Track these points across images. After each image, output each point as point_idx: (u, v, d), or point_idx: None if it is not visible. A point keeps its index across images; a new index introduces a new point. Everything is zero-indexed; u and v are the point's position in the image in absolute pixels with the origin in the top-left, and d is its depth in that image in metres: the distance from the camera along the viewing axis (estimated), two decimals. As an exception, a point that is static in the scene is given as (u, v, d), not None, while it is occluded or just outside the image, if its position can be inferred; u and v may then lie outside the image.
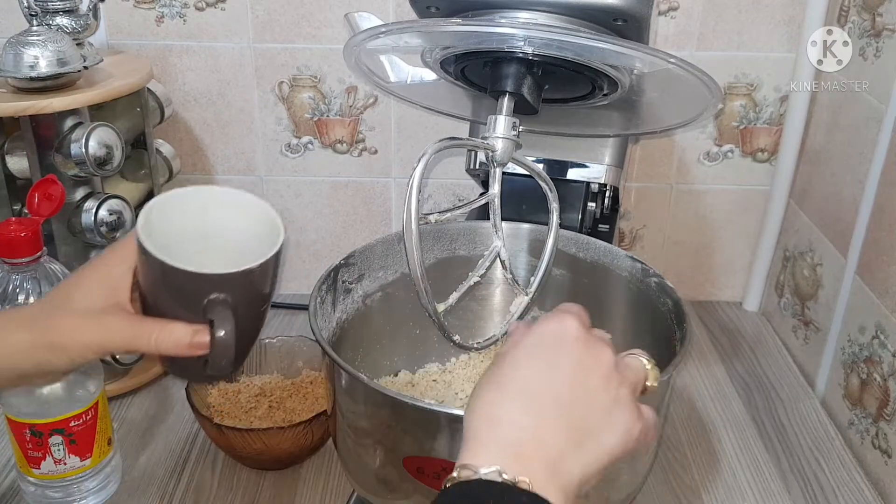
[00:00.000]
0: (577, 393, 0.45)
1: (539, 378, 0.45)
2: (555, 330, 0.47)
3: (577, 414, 0.44)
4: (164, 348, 0.50)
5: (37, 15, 0.80)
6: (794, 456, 0.82)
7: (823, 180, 0.95)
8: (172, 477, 0.77)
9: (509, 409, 0.44)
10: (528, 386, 0.45)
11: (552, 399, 0.44)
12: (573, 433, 0.44)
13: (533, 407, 0.44)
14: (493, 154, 0.64)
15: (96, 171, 0.78)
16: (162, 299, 0.51)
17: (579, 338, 0.47)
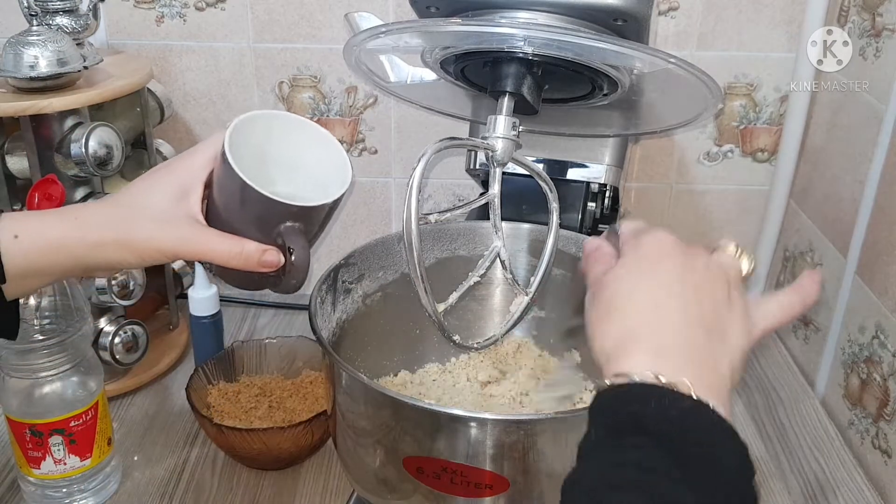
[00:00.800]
0: (697, 297, 0.45)
1: (659, 289, 0.45)
2: (653, 245, 0.47)
3: (705, 316, 0.44)
4: (234, 263, 0.55)
5: (37, 15, 0.80)
6: (794, 456, 0.82)
7: (823, 180, 0.95)
8: (172, 477, 0.77)
9: (641, 322, 0.44)
10: (651, 298, 0.45)
11: (676, 306, 0.44)
12: (709, 334, 0.44)
13: (664, 316, 0.44)
14: (493, 154, 0.64)
15: (96, 171, 0.78)
16: (236, 216, 0.55)
17: (676, 244, 0.47)
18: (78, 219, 0.54)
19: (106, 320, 0.85)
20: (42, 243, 0.53)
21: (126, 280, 0.82)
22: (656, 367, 0.41)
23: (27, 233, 0.53)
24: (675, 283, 0.45)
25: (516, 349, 0.80)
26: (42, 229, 0.54)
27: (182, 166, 0.56)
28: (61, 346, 0.67)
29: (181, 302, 0.95)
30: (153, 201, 0.55)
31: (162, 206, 0.55)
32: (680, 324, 0.44)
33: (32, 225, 0.54)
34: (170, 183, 0.55)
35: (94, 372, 0.71)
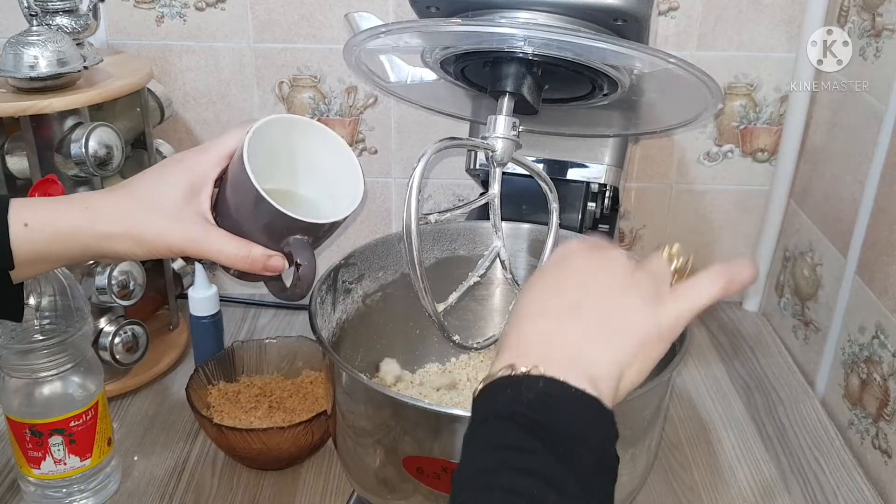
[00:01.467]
0: (587, 283, 0.46)
1: (548, 292, 0.46)
2: (560, 252, 0.49)
3: (590, 305, 0.45)
4: (240, 265, 0.56)
5: (37, 15, 0.80)
6: (794, 456, 0.82)
7: (823, 180, 0.95)
8: (172, 477, 0.77)
9: (523, 327, 0.45)
10: (538, 303, 0.46)
11: (561, 303, 0.45)
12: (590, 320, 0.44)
13: (546, 316, 0.45)
14: (493, 154, 0.64)
15: (96, 171, 0.78)
16: (246, 220, 0.56)
17: (584, 248, 0.48)
18: (89, 209, 0.55)
19: (106, 320, 0.85)
20: (51, 232, 0.54)
21: (126, 280, 0.82)
22: (517, 360, 0.42)
23: (37, 221, 0.54)
24: (567, 280, 0.46)
25: None
26: (52, 218, 0.54)
27: (195, 162, 0.57)
28: (61, 346, 0.67)
29: (181, 302, 0.95)
30: (164, 196, 0.55)
31: (173, 201, 0.55)
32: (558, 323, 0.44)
33: (43, 213, 0.54)
34: (182, 178, 0.56)
35: (94, 372, 0.71)
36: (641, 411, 0.61)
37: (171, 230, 0.55)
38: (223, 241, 0.56)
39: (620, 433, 0.61)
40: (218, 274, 1.08)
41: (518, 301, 0.48)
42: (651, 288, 0.46)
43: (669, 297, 0.46)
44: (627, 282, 0.46)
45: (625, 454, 0.61)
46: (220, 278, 1.08)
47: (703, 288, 0.47)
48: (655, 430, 0.64)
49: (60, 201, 0.57)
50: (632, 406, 0.60)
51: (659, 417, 0.64)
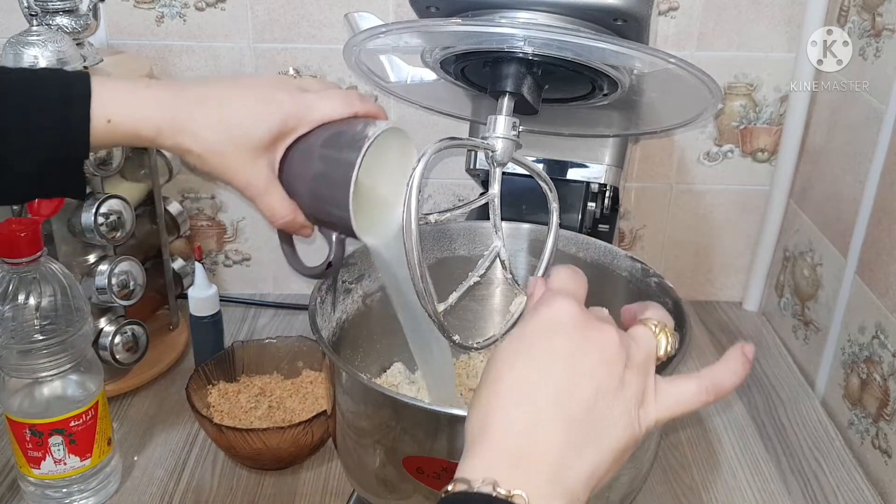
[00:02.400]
0: (575, 382, 0.41)
1: (533, 373, 0.41)
2: (547, 317, 0.43)
3: (577, 406, 0.40)
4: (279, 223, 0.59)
5: (37, 15, 0.80)
6: (794, 456, 0.82)
7: (823, 180, 0.95)
8: (172, 477, 0.77)
9: (503, 411, 0.41)
10: (521, 383, 0.41)
11: (548, 394, 0.40)
12: (575, 429, 0.40)
13: (528, 406, 0.40)
14: (493, 154, 0.64)
15: (96, 170, 0.78)
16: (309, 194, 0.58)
17: (575, 321, 0.43)
18: (176, 118, 0.54)
19: (106, 320, 0.85)
20: (133, 132, 0.54)
21: (126, 280, 0.82)
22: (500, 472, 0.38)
23: (122, 119, 0.53)
24: (555, 365, 0.41)
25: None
26: (138, 118, 0.54)
27: (295, 114, 0.57)
28: (61, 346, 0.67)
29: (181, 302, 0.95)
30: (251, 133, 0.55)
31: (255, 143, 0.56)
32: (543, 418, 0.40)
33: (128, 111, 0.54)
34: (275, 123, 0.56)
35: (94, 372, 0.71)
36: (641, 411, 0.61)
37: (239, 171, 0.56)
38: (277, 200, 0.57)
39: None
40: (218, 274, 1.08)
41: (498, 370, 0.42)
42: (638, 391, 0.42)
43: (653, 401, 0.43)
44: (616, 384, 0.41)
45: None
46: (220, 278, 1.08)
47: (690, 396, 0.44)
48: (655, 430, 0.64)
49: (148, 97, 0.55)
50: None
51: None
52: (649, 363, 0.44)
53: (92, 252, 0.83)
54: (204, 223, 1.06)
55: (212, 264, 1.08)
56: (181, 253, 1.00)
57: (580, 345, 0.42)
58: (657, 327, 0.45)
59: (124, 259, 0.82)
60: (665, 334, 0.45)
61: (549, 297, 0.44)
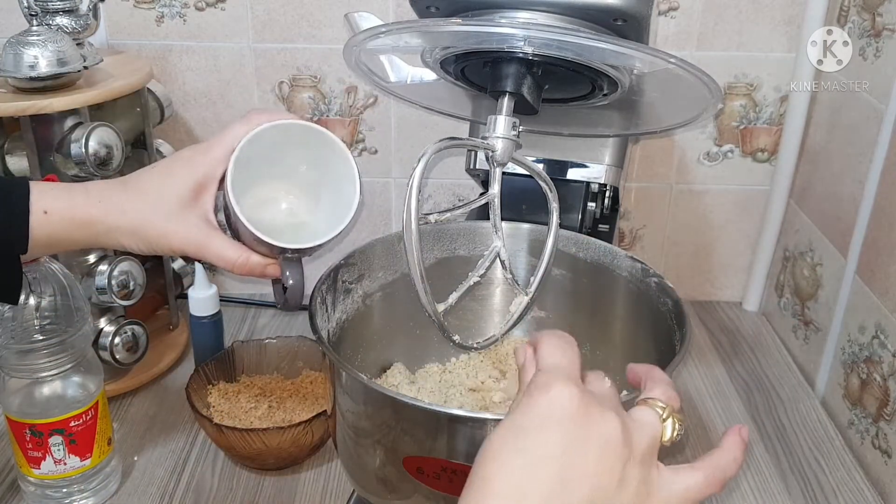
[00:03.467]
0: (570, 485, 0.38)
1: (524, 476, 0.38)
2: (542, 406, 0.39)
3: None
4: (238, 271, 0.60)
5: (37, 15, 0.80)
6: (794, 456, 0.82)
7: (823, 180, 0.95)
8: (172, 477, 0.77)
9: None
10: (511, 488, 0.38)
11: (538, 498, 0.37)
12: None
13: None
14: (493, 154, 0.64)
15: (96, 171, 0.78)
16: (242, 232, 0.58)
17: (573, 412, 0.39)
18: (102, 202, 0.57)
19: (106, 320, 0.85)
20: (68, 220, 0.57)
21: (126, 280, 0.82)
22: None
23: (56, 209, 0.57)
24: (549, 466, 0.38)
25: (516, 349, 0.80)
26: (70, 207, 0.57)
27: (200, 161, 0.59)
28: (61, 346, 0.67)
29: (181, 302, 0.95)
30: (170, 195, 0.58)
31: (177, 202, 0.58)
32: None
33: (62, 202, 0.57)
34: (188, 177, 0.58)
35: (94, 372, 0.71)
36: (641, 411, 0.61)
37: (173, 232, 0.58)
38: (223, 246, 0.59)
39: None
40: (218, 274, 1.08)
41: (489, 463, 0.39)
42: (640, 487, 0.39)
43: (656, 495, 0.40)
44: (616, 483, 0.38)
45: (625, 454, 0.61)
46: (220, 278, 1.08)
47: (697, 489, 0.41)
48: (655, 430, 0.64)
49: (78, 190, 0.58)
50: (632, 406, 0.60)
51: None
52: (653, 452, 0.40)
53: (92, 252, 0.83)
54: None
55: (212, 264, 1.08)
56: (181, 253, 1.00)
57: (578, 440, 0.38)
58: (665, 411, 0.41)
59: (124, 259, 0.82)
60: (673, 418, 0.41)
61: (545, 381, 0.40)
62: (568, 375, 0.40)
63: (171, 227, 0.58)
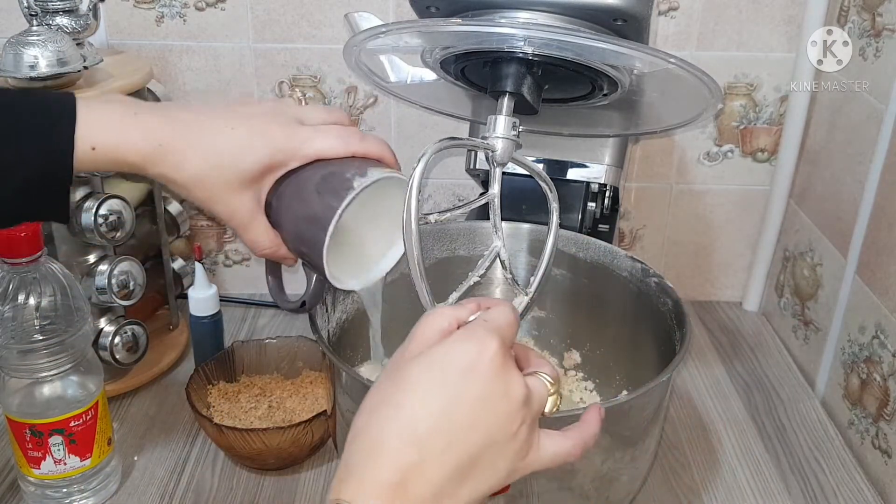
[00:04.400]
0: (473, 433, 0.42)
1: (435, 413, 0.41)
2: (468, 355, 0.43)
3: (468, 452, 0.42)
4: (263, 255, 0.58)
5: (37, 15, 0.80)
6: (794, 456, 0.82)
7: (823, 180, 0.95)
8: (172, 477, 0.77)
9: (395, 443, 0.41)
10: (420, 420, 0.41)
11: (444, 438, 0.41)
12: (459, 474, 0.41)
13: (421, 445, 0.41)
14: (493, 154, 0.64)
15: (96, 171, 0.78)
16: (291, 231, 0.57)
17: (493, 369, 0.43)
18: (162, 146, 0.52)
19: (106, 320, 0.85)
20: (117, 160, 0.52)
21: (126, 280, 0.82)
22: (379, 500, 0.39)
23: (106, 147, 0.51)
24: (462, 410, 0.42)
25: None
26: (122, 147, 0.52)
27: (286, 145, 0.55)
28: (61, 346, 0.67)
29: (181, 302, 0.95)
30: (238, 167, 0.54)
31: (242, 176, 0.54)
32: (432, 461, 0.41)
33: (113, 139, 0.51)
34: (264, 156, 0.54)
35: (94, 372, 0.71)
36: (641, 411, 0.61)
37: (223, 203, 0.55)
38: (260, 233, 0.57)
39: (620, 433, 0.61)
40: (218, 274, 1.08)
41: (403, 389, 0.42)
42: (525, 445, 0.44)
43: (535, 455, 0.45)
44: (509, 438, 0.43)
45: (625, 454, 0.61)
46: (220, 278, 1.08)
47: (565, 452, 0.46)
48: (655, 430, 0.64)
49: (135, 125, 0.52)
50: (632, 406, 0.60)
51: (659, 417, 0.64)
52: (538, 418, 0.45)
53: (92, 252, 0.83)
54: (204, 223, 1.06)
55: (212, 264, 1.08)
56: (181, 253, 1.00)
57: (491, 394, 0.42)
58: (552, 387, 0.46)
59: (124, 259, 0.82)
60: (558, 394, 0.47)
61: (480, 331, 0.44)
62: (501, 334, 0.44)
63: (226, 197, 0.54)
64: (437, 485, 0.41)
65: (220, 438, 0.75)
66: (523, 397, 0.44)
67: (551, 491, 0.58)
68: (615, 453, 0.60)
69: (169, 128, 0.53)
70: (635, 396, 0.59)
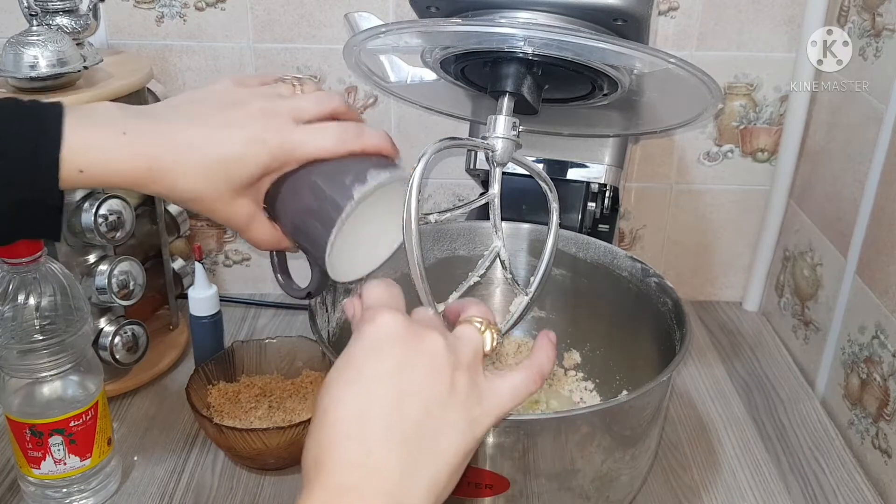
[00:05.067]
0: (404, 401, 0.41)
1: (361, 401, 0.41)
2: (370, 335, 0.43)
3: (408, 425, 0.40)
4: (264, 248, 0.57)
5: (37, 15, 0.80)
6: (794, 456, 0.82)
7: (823, 180, 0.95)
8: (172, 477, 0.77)
9: (336, 446, 0.40)
10: (351, 414, 0.41)
11: (378, 421, 0.40)
12: (409, 449, 0.40)
13: (358, 437, 0.40)
14: (493, 154, 0.64)
15: (96, 171, 0.78)
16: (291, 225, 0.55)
17: (398, 334, 0.43)
18: (152, 169, 0.50)
19: (106, 320, 0.85)
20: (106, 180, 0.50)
21: (126, 280, 0.82)
22: None
23: (95, 169, 0.49)
24: (382, 387, 0.41)
25: (516, 349, 0.80)
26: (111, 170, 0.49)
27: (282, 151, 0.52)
28: (61, 346, 0.67)
29: (181, 302, 0.95)
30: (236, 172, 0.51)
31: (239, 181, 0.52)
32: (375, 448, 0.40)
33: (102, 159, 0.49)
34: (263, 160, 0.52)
35: (94, 372, 0.71)
36: (641, 411, 0.61)
37: (220, 210, 0.53)
38: (260, 233, 0.55)
39: (620, 433, 0.61)
40: (218, 274, 1.08)
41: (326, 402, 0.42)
42: (471, 391, 0.43)
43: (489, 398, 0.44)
44: (447, 391, 0.42)
45: (625, 454, 0.61)
46: (220, 278, 1.08)
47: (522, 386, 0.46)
48: (655, 430, 0.64)
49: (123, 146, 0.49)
50: (632, 406, 0.60)
51: (659, 417, 0.64)
52: (477, 362, 0.44)
53: (92, 252, 0.83)
54: (204, 223, 1.06)
55: (212, 264, 1.08)
56: (181, 253, 1.00)
57: (406, 359, 0.42)
58: (482, 324, 0.46)
59: (124, 259, 0.82)
60: (490, 330, 0.45)
61: (370, 314, 0.44)
62: (390, 306, 0.44)
63: (223, 205, 0.52)
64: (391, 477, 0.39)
65: (220, 438, 0.75)
66: (443, 348, 0.43)
67: (551, 491, 0.58)
68: (615, 453, 0.60)
69: (160, 147, 0.50)
70: (635, 396, 0.59)
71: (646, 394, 0.59)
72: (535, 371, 0.47)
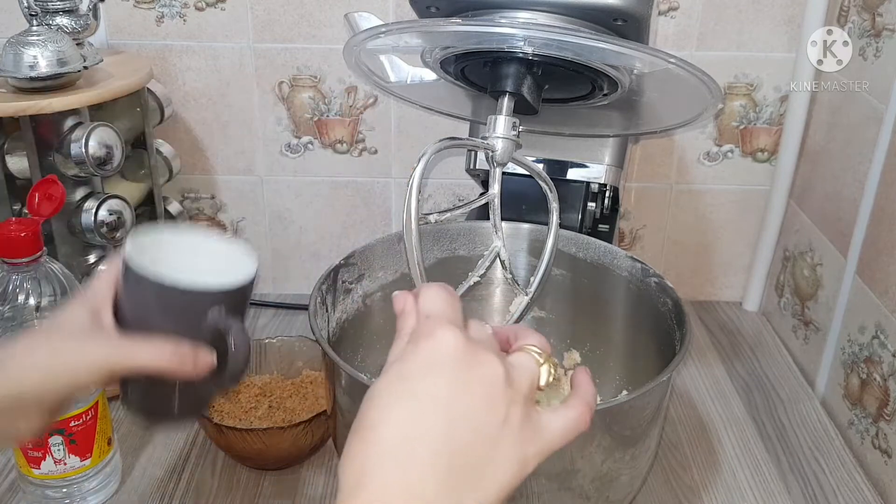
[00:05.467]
0: (456, 428, 0.38)
1: (411, 423, 0.38)
2: (426, 351, 0.40)
3: (458, 454, 0.38)
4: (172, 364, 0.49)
5: (37, 15, 0.80)
6: (794, 456, 0.82)
7: (823, 180, 0.95)
8: (172, 477, 0.77)
9: (380, 467, 0.38)
10: (399, 435, 0.38)
11: (427, 446, 0.38)
12: (456, 479, 0.38)
13: (405, 462, 0.38)
14: (493, 154, 0.64)
15: (96, 171, 0.78)
16: (157, 324, 0.50)
17: (458, 356, 0.40)
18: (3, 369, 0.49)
19: (106, 320, 0.85)
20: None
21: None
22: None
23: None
24: (435, 412, 0.38)
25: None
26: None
27: (83, 295, 0.52)
28: (61, 346, 0.67)
29: (181, 302, 0.95)
30: (71, 324, 0.50)
31: (80, 327, 0.50)
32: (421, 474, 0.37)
33: None
34: (80, 307, 0.51)
35: (94, 372, 0.71)
36: (641, 411, 0.61)
37: (90, 349, 0.50)
38: (146, 345, 0.50)
39: (620, 433, 0.61)
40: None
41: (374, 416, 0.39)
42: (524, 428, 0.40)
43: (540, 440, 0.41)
44: (500, 422, 0.39)
45: (625, 454, 0.61)
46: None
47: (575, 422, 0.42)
48: (655, 430, 0.64)
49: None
50: (632, 406, 0.60)
51: (659, 417, 0.64)
52: (532, 394, 0.42)
53: (92, 252, 0.83)
54: (204, 223, 1.06)
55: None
56: (181, 253, 1.00)
57: (464, 384, 0.39)
58: (541, 356, 0.43)
59: (124, 259, 0.82)
60: (549, 363, 0.43)
61: (429, 327, 0.41)
62: (450, 321, 0.41)
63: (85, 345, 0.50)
64: (437, 495, 0.37)
65: (220, 438, 0.75)
66: (502, 377, 0.40)
67: (551, 491, 0.58)
68: (615, 453, 0.60)
69: None
70: (635, 396, 0.59)
71: (646, 394, 0.59)
72: (585, 408, 0.43)
